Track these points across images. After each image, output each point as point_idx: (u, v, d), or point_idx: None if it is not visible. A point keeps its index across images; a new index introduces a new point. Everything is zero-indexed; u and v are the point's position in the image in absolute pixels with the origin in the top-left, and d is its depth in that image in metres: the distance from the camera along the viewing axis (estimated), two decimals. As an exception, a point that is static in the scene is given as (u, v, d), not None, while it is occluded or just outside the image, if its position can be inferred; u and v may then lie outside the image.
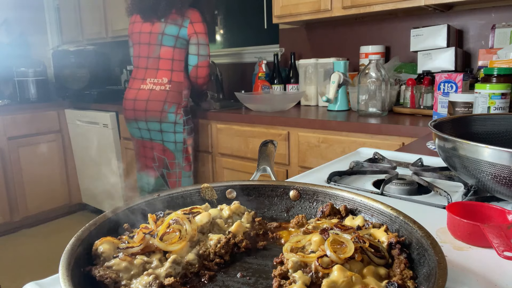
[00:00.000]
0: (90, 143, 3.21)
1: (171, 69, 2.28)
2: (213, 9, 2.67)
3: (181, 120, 2.28)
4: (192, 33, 2.22)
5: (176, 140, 2.31)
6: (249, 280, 0.48)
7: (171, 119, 2.27)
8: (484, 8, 2.01)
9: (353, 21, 2.46)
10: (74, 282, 0.39)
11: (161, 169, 2.41)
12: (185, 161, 2.36)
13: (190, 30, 2.22)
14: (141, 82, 2.32)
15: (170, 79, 2.27)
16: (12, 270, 2.63)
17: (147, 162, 2.45)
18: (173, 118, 2.27)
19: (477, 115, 0.88)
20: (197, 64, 2.26)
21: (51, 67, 3.66)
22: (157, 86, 2.28)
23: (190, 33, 2.22)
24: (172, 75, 2.28)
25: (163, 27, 2.23)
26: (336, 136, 1.84)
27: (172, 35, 2.23)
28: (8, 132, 3.07)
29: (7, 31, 3.72)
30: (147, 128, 2.33)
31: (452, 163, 0.69)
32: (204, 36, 2.25)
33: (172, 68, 2.28)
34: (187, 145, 2.34)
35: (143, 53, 2.33)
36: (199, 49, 2.25)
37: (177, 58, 2.27)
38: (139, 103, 2.29)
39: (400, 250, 0.47)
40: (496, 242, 0.50)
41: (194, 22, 2.22)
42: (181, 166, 2.36)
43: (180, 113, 2.28)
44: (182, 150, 2.33)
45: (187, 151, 2.35)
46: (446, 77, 1.59)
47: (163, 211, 0.58)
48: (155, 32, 2.26)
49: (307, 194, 0.64)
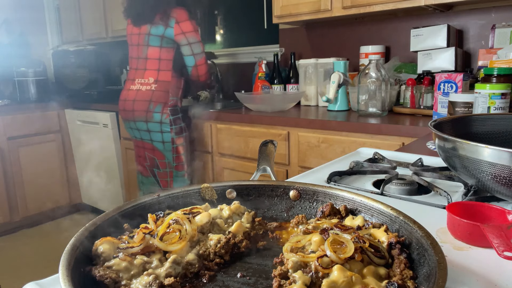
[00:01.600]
0: (90, 143, 3.21)
1: (158, 69, 2.28)
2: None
3: (167, 119, 2.26)
4: (180, 33, 2.19)
5: (164, 139, 2.30)
6: (249, 280, 0.48)
7: (157, 118, 2.26)
8: (484, 8, 2.01)
9: (353, 21, 2.46)
10: (74, 282, 0.39)
11: (152, 168, 2.42)
12: (175, 161, 2.34)
13: (177, 31, 2.18)
14: (131, 83, 2.35)
15: (157, 79, 2.28)
16: (12, 270, 2.63)
17: (140, 161, 2.47)
18: (158, 118, 2.26)
19: (477, 115, 0.88)
20: (195, 64, 2.24)
21: (51, 67, 3.66)
22: (143, 86, 2.30)
23: (177, 33, 2.19)
24: (158, 74, 2.28)
25: (149, 28, 2.25)
26: (336, 136, 1.84)
27: (157, 35, 2.23)
28: (8, 132, 3.07)
29: (7, 31, 3.72)
30: (136, 128, 2.36)
31: (452, 163, 0.69)
32: (194, 33, 2.21)
33: (159, 68, 2.28)
34: (176, 144, 2.31)
35: (134, 54, 2.36)
36: (193, 49, 2.21)
37: (164, 58, 2.26)
38: (128, 103, 2.33)
39: (400, 250, 0.47)
40: (496, 242, 0.50)
41: (180, 22, 2.18)
42: (171, 165, 2.35)
43: (166, 112, 2.26)
44: (171, 150, 2.31)
45: (177, 151, 2.32)
46: (446, 77, 1.59)
47: (163, 211, 0.58)
48: (142, 33, 2.28)
49: (307, 194, 0.64)
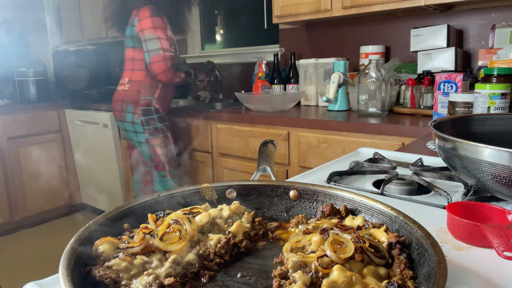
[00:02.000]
0: (90, 143, 3.21)
1: (132, 69, 2.31)
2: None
3: (138, 120, 2.26)
4: (140, 31, 2.17)
5: (138, 140, 2.31)
6: (249, 280, 0.48)
7: (129, 118, 2.28)
8: (484, 8, 2.01)
9: (353, 21, 2.46)
10: (74, 282, 0.39)
11: (136, 167, 2.46)
12: (154, 161, 2.33)
13: (138, 28, 2.18)
14: (119, 84, 2.42)
15: (130, 79, 2.31)
16: (12, 270, 2.63)
17: (129, 159, 2.51)
18: (130, 118, 2.27)
19: (477, 115, 0.88)
20: (149, 61, 2.17)
21: (51, 67, 3.66)
22: (120, 87, 2.35)
23: (138, 31, 2.18)
24: (132, 74, 2.30)
25: (126, 30, 2.30)
26: (336, 136, 1.84)
27: (128, 36, 2.27)
28: (8, 132, 3.07)
29: (7, 31, 3.72)
30: (121, 127, 2.41)
31: (452, 163, 0.69)
32: (151, 30, 2.14)
33: (132, 68, 2.30)
34: (152, 145, 2.29)
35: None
36: (147, 45, 2.16)
37: (137, 58, 2.27)
38: (113, 103, 2.40)
39: (400, 250, 0.47)
40: (496, 242, 0.50)
41: (141, 20, 2.17)
42: (150, 165, 2.36)
43: (137, 113, 2.25)
44: (148, 150, 2.31)
45: (154, 151, 2.30)
46: (446, 77, 1.59)
47: (163, 211, 0.58)
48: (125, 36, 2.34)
49: (307, 194, 0.64)
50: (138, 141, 2.31)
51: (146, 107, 2.26)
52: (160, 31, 2.16)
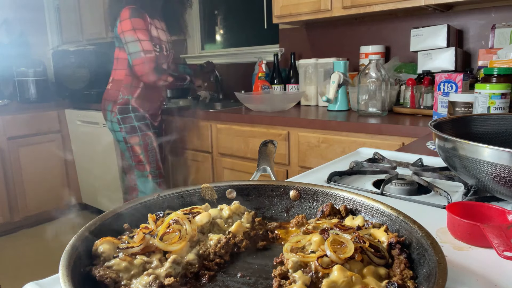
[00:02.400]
0: (90, 143, 3.21)
1: (115, 68, 2.32)
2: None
3: (115, 118, 2.26)
4: (120, 33, 2.15)
5: (117, 138, 2.33)
6: (249, 280, 0.48)
7: (108, 117, 2.30)
8: (484, 8, 2.01)
9: (353, 21, 2.46)
10: (74, 282, 0.39)
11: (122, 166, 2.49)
12: (133, 161, 2.32)
13: (119, 30, 2.16)
14: None
15: (112, 78, 2.32)
16: (12, 270, 2.63)
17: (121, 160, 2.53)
18: (109, 116, 2.29)
19: (477, 115, 0.88)
20: (132, 63, 2.16)
21: (51, 67, 3.66)
22: (108, 86, 2.37)
23: (119, 33, 2.16)
24: (114, 73, 2.32)
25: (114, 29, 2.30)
26: (336, 136, 1.84)
27: (113, 36, 2.28)
28: (8, 132, 3.07)
29: (7, 31, 3.72)
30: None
31: (452, 163, 0.69)
32: (131, 32, 2.11)
33: (115, 67, 2.31)
34: (130, 144, 2.28)
35: None
36: (128, 48, 2.14)
37: (120, 57, 2.28)
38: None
39: (400, 250, 0.47)
40: (496, 242, 0.50)
41: (121, 21, 2.14)
42: (131, 164, 2.37)
43: (114, 111, 2.26)
44: (127, 149, 2.31)
45: (133, 150, 2.29)
46: (446, 77, 1.59)
47: (163, 211, 0.58)
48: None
49: (307, 194, 0.64)
50: (118, 140, 2.34)
51: (123, 106, 2.26)
52: (140, 32, 2.12)
